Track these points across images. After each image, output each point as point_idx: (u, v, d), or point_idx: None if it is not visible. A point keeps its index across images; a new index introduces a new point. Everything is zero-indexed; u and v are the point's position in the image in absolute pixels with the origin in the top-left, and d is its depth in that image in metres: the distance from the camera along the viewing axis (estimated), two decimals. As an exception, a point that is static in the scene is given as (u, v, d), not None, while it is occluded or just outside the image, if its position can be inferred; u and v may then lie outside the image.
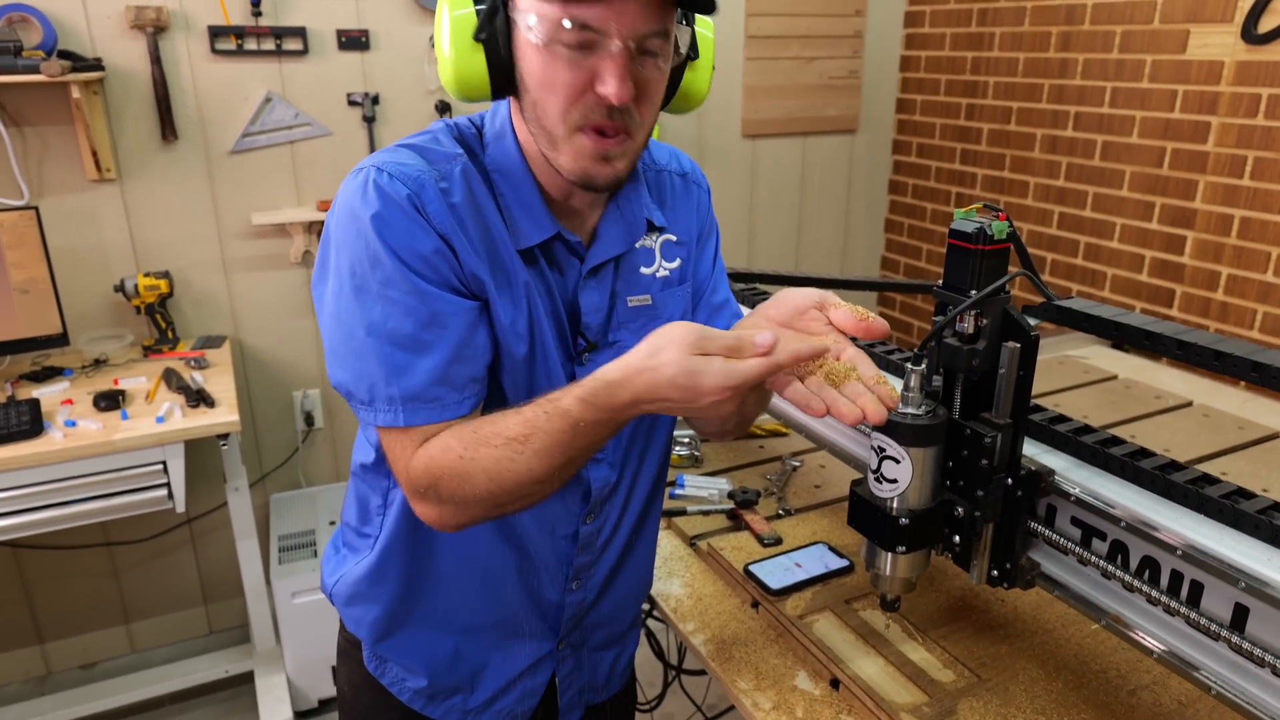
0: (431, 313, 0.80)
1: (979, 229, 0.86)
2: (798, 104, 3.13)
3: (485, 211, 0.85)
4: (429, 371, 0.81)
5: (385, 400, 0.81)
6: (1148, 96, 2.39)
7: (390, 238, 0.79)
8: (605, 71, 0.76)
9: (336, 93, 2.44)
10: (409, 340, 0.80)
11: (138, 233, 2.33)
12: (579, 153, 0.81)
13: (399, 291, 0.80)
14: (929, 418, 0.90)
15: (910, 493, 0.92)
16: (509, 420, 0.78)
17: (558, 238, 0.89)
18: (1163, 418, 1.75)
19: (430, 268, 0.80)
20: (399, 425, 0.81)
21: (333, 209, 0.84)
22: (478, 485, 0.79)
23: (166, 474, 1.93)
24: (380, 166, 0.81)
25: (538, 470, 0.77)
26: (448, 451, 0.80)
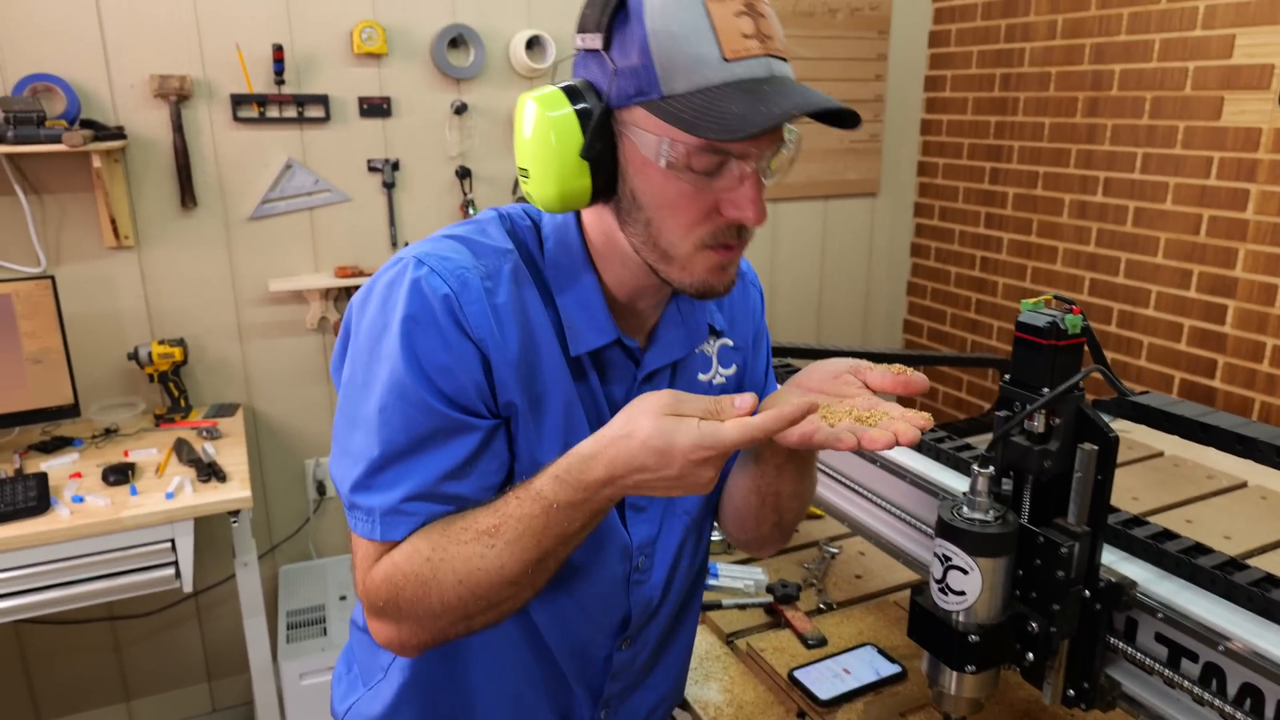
0: (433, 429, 0.75)
1: (1051, 323, 0.80)
2: (819, 167, 3.11)
3: (532, 317, 0.79)
4: (414, 488, 0.75)
5: (364, 510, 0.76)
6: (1181, 163, 2.35)
7: (416, 343, 0.74)
8: (740, 198, 0.72)
9: (357, 159, 2.44)
10: (401, 453, 0.75)
11: (154, 299, 2.30)
12: (704, 268, 0.76)
13: (405, 401, 0.74)
14: (999, 525, 0.84)
15: (979, 606, 0.85)
16: (480, 514, 0.72)
17: (617, 342, 0.83)
18: (1218, 500, 1.67)
19: (451, 380, 0.75)
20: (374, 539, 0.75)
21: (364, 294, 0.78)
22: (445, 590, 0.72)
23: (174, 552, 1.86)
24: (422, 259, 0.76)
25: (509, 567, 0.70)
26: (414, 555, 0.73)
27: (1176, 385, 2.45)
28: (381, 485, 0.75)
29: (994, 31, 2.88)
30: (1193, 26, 2.28)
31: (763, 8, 0.70)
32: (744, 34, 0.68)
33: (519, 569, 0.70)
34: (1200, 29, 2.26)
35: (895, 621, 1.28)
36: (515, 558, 0.70)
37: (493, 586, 0.71)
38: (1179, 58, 2.32)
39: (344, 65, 2.36)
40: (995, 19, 2.87)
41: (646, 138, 0.71)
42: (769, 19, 0.70)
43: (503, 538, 0.69)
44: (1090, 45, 2.55)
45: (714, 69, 0.67)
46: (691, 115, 0.67)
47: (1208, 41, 2.25)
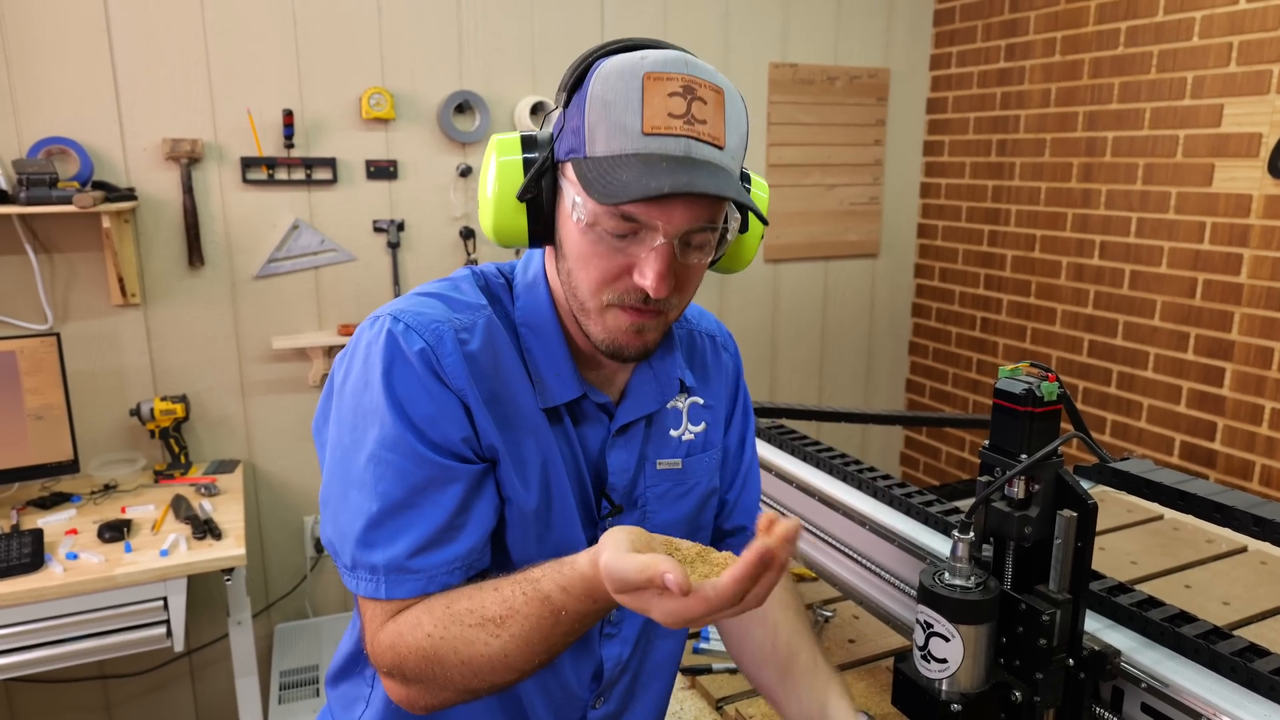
0: (428, 478, 0.76)
1: (1027, 390, 0.82)
2: (819, 229, 3.16)
3: (506, 366, 0.82)
4: (417, 541, 0.76)
5: (367, 569, 0.76)
6: (1175, 227, 2.38)
7: (398, 396, 0.76)
8: (646, 265, 0.74)
9: (363, 220, 2.49)
10: (399, 506, 0.76)
11: (158, 356, 2.34)
12: (612, 326, 0.78)
13: (397, 454, 0.76)
14: (980, 591, 0.84)
15: (962, 674, 0.85)
16: (486, 597, 0.73)
17: (584, 398, 0.85)
18: (1217, 565, 1.65)
19: (437, 429, 0.77)
20: (379, 597, 0.76)
21: (344, 355, 0.81)
22: (448, 668, 0.73)
23: (166, 610, 1.86)
24: (397, 316, 0.78)
25: (514, 657, 0.71)
26: (416, 628, 0.74)
27: (1177, 448, 2.45)
28: (383, 540, 0.75)
29: (990, 99, 2.95)
30: (1182, 96, 2.34)
31: (704, 93, 0.72)
32: (670, 113, 0.70)
33: (524, 660, 0.71)
34: (1189, 98, 2.32)
35: (887, 688, 1.25)
36: (521, 650, 0.70)
37: (495, 671, 0.72)
38: (1170, 126, 2.37)
39: (352, 129, 2.43)
40: (991, 87, 2.94)
41: (569, 192, 0.75)
42: (708, 105, 0.72)
43: (509, 630, 0.70)
44: (1083, 113, 2.61)
45: (632, 139, 0.71)
46: (592, 175, 0.71)
47: (1197, 110, 2.30)
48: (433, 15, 2.48)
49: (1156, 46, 2.38)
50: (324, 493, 0.81)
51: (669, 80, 0.71)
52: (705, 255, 0.77)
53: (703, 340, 0.99)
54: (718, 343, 1.01)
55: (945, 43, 3.11)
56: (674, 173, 0.69)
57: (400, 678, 0.76)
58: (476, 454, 0.79)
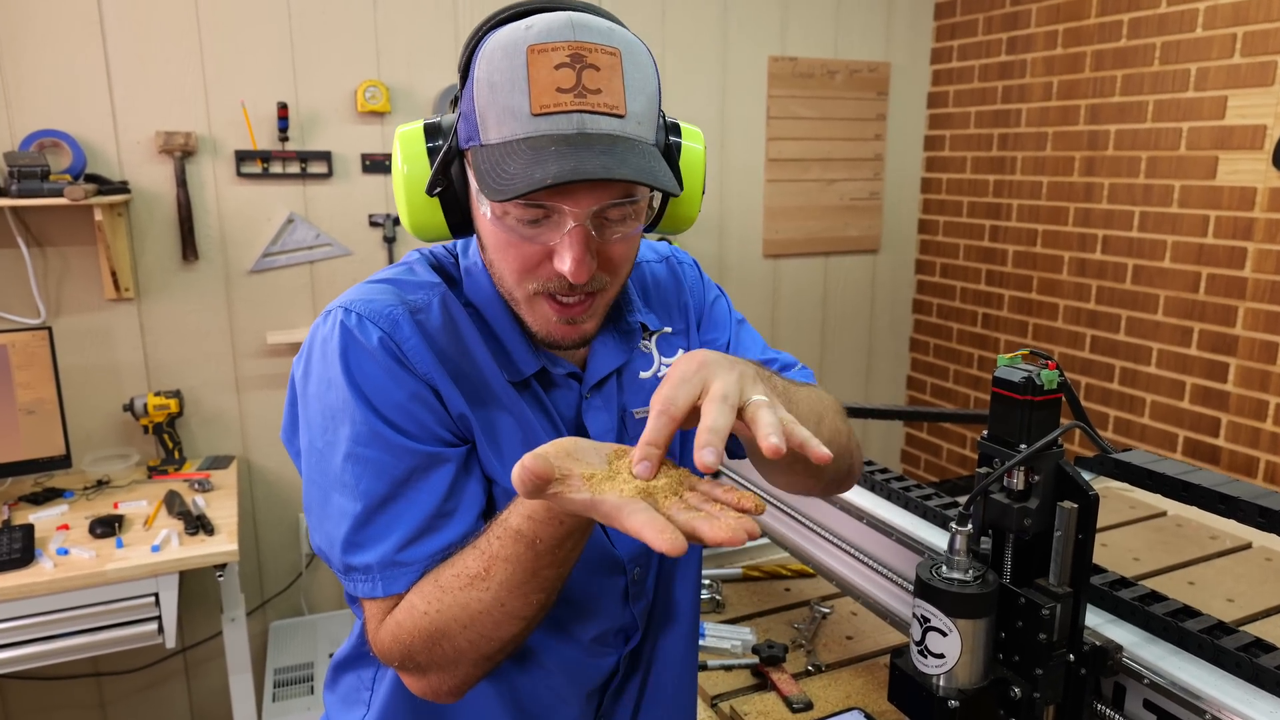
0: (409, 469, 0.74)
1: (1027, 378, 0.79)
2: (819, 224, 3.14)
3: (468, 341, 0.79)
4: (407, 533, 0.73)
5: (362, 570, 0.74)
6: (1179, 221, 2.36)
7: (363, 389, 0.73)
8: (562, 251, 0.70)
9: (358, 214, 2.47)
10: (384, 501, 0.74)
11: (151, 351, 2.32)
12: (542, 317, 0.76)
13: (373, 449, 0.73)
14: (978, 584, 0.82)
15: (959, 670, 0.82)
16: (466, 557, 0.70)
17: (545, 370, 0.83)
18: (1221, 561, 1.63)
19: (408, 417, 0.74)
20: (378, 595, 0.74)
21: (303, 356, 0.78)
22: (454, 639, 0.71)
23: (158, 606, 1.84)
24: (348, 307, 0.76)
25: (510, 604, 0.68)
26: (412, 612, 0.72)
27: (1181, 443, 2.43)
28: (372, 539, 0.73)
29: (991, 93, 2.93)
30: (1185, 88, 2.31)
31: (596, 58, 0.66)
32: (559, 88, 0.66)
33: (520, 604, 0.69)
34: (1193, 90, 2.30)
35: (884, 685, 1.24)
36: (513, 595, 0.68)
37: (498, 625, 0.69)
38: (1173, 118, 2.35)
39: (347, 122, 2.41)
40: (992, 80, 2.92)
41: (473, 182, 0.72)
42: (601, 72, 0.66)
43: (495, 579, 0.68)
44: (1085, 106, 2.59)
45: (522, 122, 0.66)
46: (485, 167, 0.67)
47: (1200, 103, 2.28)
48: (428, 7, 2.46)
49: (1159, 38, 2.36)
50: (306, 500, 0.78)
51: (554, 51, 0.66)
52: (631, 227, 0.74)
53: (653, 270, 0.95)
54: (670, 263, 0.97)
55: (946, 36, 3.09)
56: (562, 157, 0.64)
57: (415, 668, 0.74)
58: (456, 435, 0.77)
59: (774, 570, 1.61)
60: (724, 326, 0.98)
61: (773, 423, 0.59)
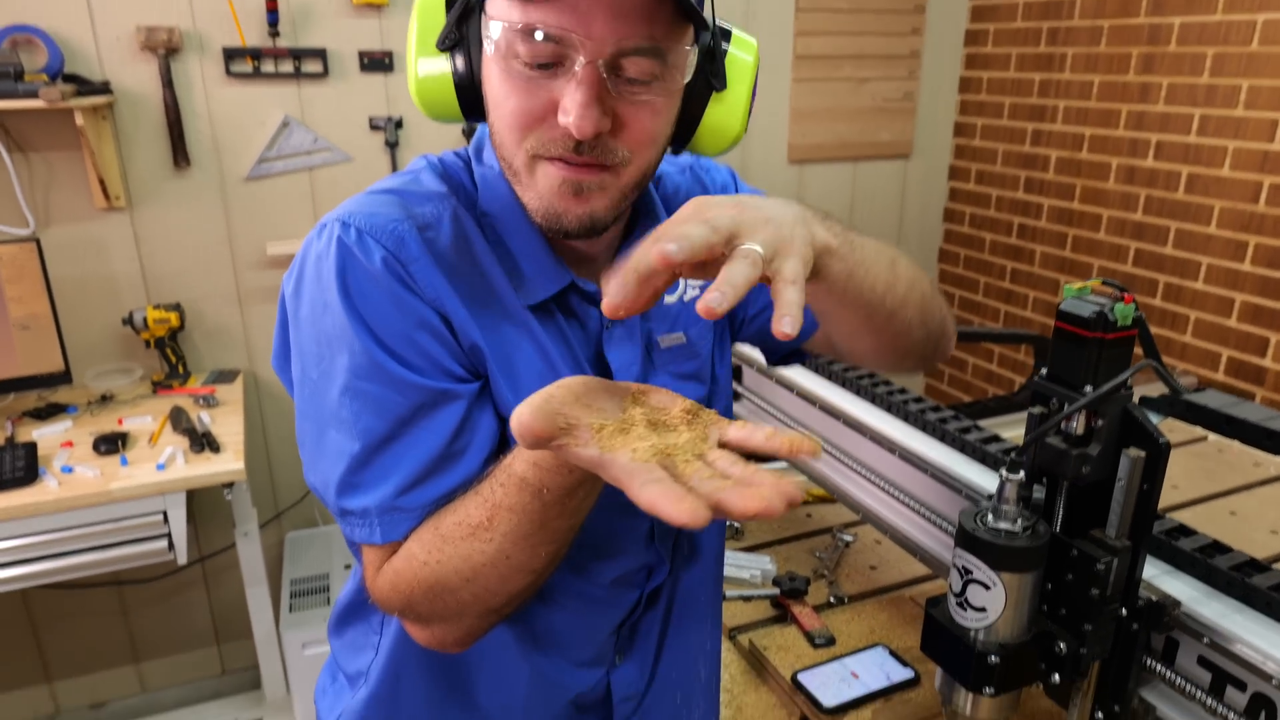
0: (414, 406, 0.67)
1: (1098, 314, 0.71)
2: (848, 128, 2.98)
3: (482, 261, 0.72)
4: (408, 477, 0.67)
5: (359, 514, 0.69)
6: (1243, 125, 2.20)
7: (364, 316, 0.66)
8: (566, 97, 0.62)
9: (358, 116, 2.35)
10: (384, 441, 0.67)
11: (148, 263, 2.25)
12: (543, 188, 0.67)
13: (373, 383, 0.66)
14: (1028, 536, 0.76)
15: (1001, 624, 0.78)
16: (468, 504, 0.65)
17: (572, 288, 0.75)
18: (1265, 490, 1.57)
19: (414, 348, 0.67)
20: (375, 542, 0.69)
21: (294, 274, 0.70)
22: (456, 592, 0.66)
23: (167, 524, 1.83)
24: (347, 220, 0.68)
25: (516, 556, 0.63)
26: (410, 561, 0.67)
27: (1224, 363, 2.34)
28: (370, 481, 0.68)
29: (1039, -20, 2.72)
30: (1259, -26, 2.12)
31: None
32: None
33: (526, 556, 0.64)
34: (1267, -24, 2.11)
35: (910, 619, 1.22)
36: (519, 547, 0.63)
37: (504, 578, 0.65)
38: (1246, 9, 2.17)
39: (343, 16, 2.27)
40: (1041, -33, 2.71)
41: (490, 25, 0.64)
42: None
43: (499, 529, 0.62)
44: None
45: None
46: None
47: (1275, -10, 2.09)
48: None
49: (1234, -82, 2.15)
50: (299, 434, 0.72)
51: None
52: (655, 93, 0.65)
53: (674, 182, 0.86)
54: (695, 171, 0.88)
55: (993, -83, 2.86)
56: None
57: (416, 618, 0.70)
58: (467, 369, 0.70)
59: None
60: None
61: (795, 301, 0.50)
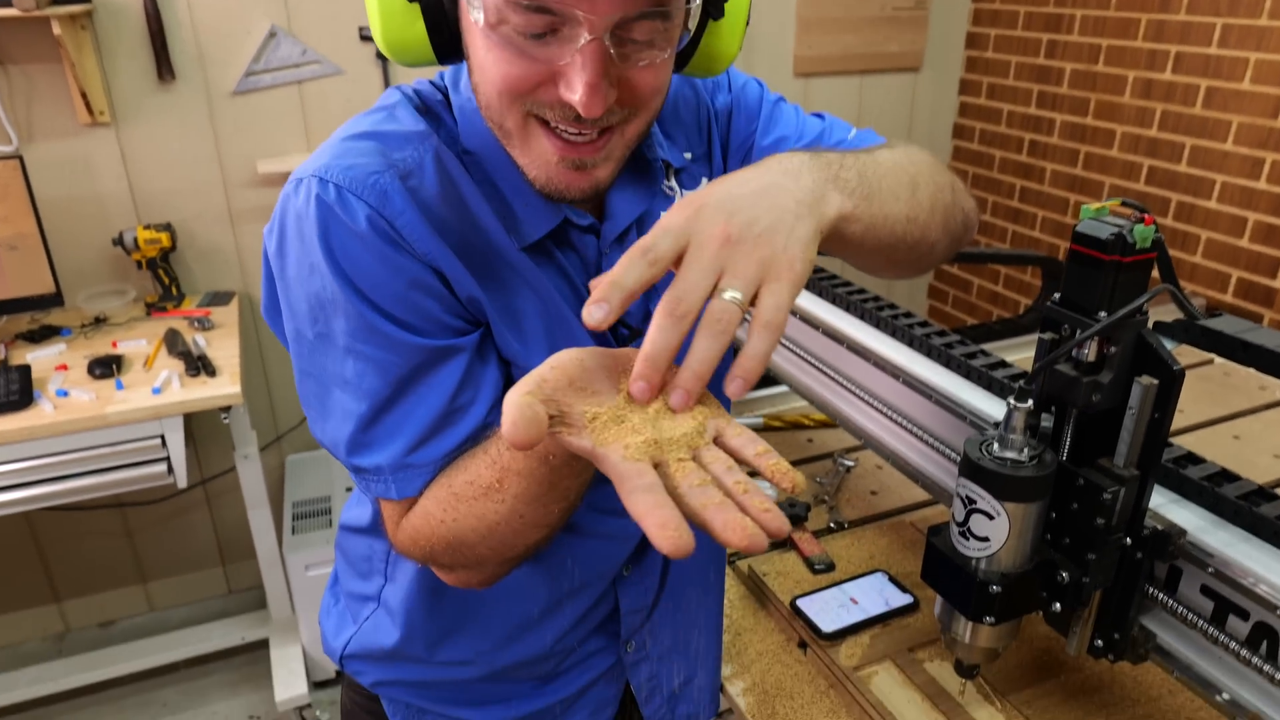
0: (415, 366, 0.65)
1: (1117, 235, 0.68)
2: (857, 39, 2.87)
3: (471, 205, 0.68)
4: (416, 434, 0.66)
5: (372, 472, 0.68)
6: (1266, 36, 2.11)
7: (353, 279, 0.63)
8: (572, 74, 0.58)
9: (348, 26, 2.26)
10: (389, 401, 0.66)
11: (136, 181, 2.20)
12: (539, 158, 0.64)
13: (372, 346, 0.64)
14: (1034, 466, 0.74)
15: (1004, 554, 0.77)
16: (479, 464, 0.64)
17: (566, 223, 0.72)
18: (1270, 414, 1.56)
19: (410, 309, 0.65)
20: (391, 498, 0.68)
21: (275, 234, 0.67)
22: (474, 546, 0.66)
23: (165, 448, 1.83)
24: (324, 176, 0.64)
25: (530, 515, 0.62)
26: (428, 519, 0.67)
27: (1233, 284, 2.30)
28: (379, 440, 0.67)
29: (1062, -121, 2.58)
30: None
31: None
32: None
33: (541, 515, 0.63)
34: (1304, -126, 1.99)
35: (910, 544, 1.22)
36: (532, 508, 0.62)
37: (519, 534, 0.65)
38: (1275, -90, 2.05)
39: (329, -82, 2.16)
40: None
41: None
42: None
43: (510, 491, 0.61)
44: (1172, -105, 2.27)
45: None
46: None
47: (1311, -110, 1.98)
48: None
49: None
50: (301, 392, 0.71)
51: None
52: (661, 50, 0.60)
53: (675, 92, 0.81)
54: (694, 81, 0.83)
55: None
56: None
57: (440, 567, 0.72)
58: (467, 320, 0.69)
59: (796, 420, 1.56)
60: (754, 114, 0.84)
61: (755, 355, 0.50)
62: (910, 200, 0.68)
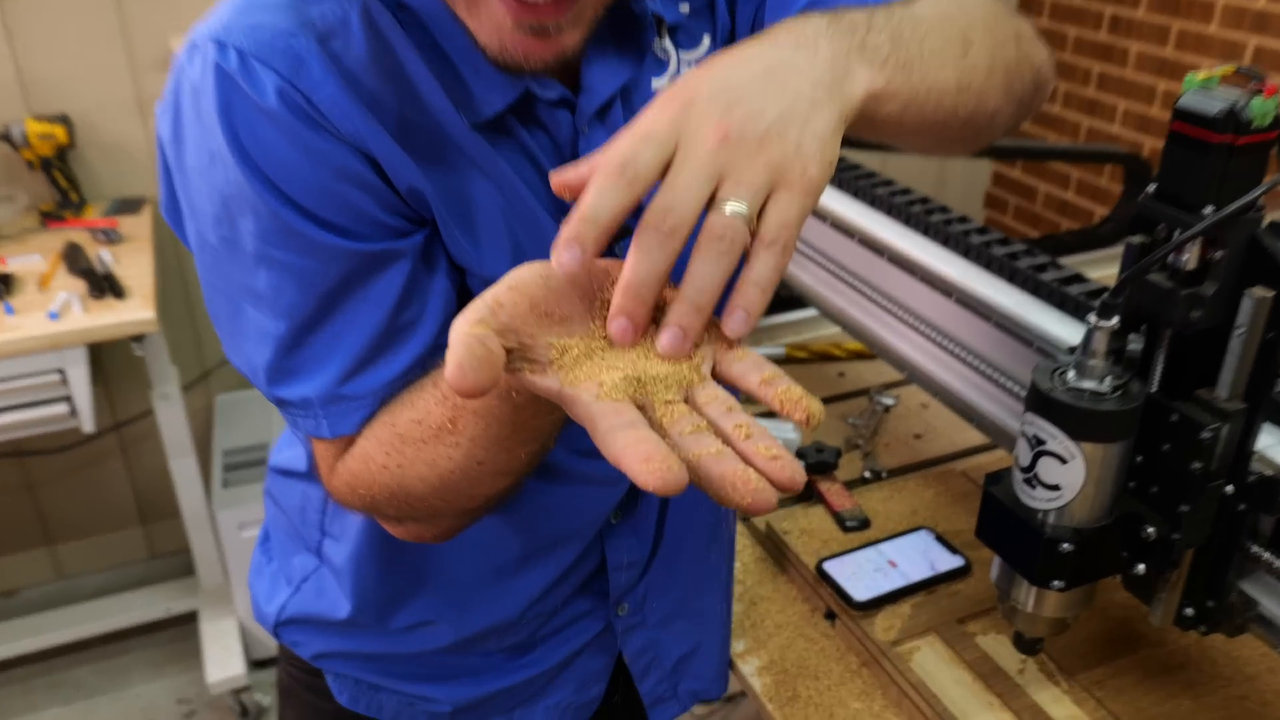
0: (344, 275, 0.63)
1: (1227, 111, 0.65)
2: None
3: (410, 72, 0.64)
4: (350, 359, 0.65)
5: (299, 405, 0.67)
6: None
7: (261, 167, 0.60)
8: None
9: None
10: (315, 319, 0.64)
11: (25, 64, 2.14)
12: (490, 20, 0.60)
13: (290, 251, 0.62)
14: (1117, 399, 0.73)
15: (1078, 505, 0.76)
16: (427, 400, 0.62)
17: (528, 95, 0.68)
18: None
19: (336, 205, 0.62)
20: (323, 436, 0.68)
21: (165, 107, 0.64)
22: (424, 498, 0.65)
23: (66, 384, 1.82)
24: (223, 40, 0.60)
25: (490, 461, 0.61)
26: (368, 463, 0.66)
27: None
28: (305, 366, 0.66)
29: None
30: None
31: None
32: None
33: (503, 460, 0.62)
34: None
35: (961, 497, 1.21)
36: (492, 452, 0.61)
37: (478, 483, 0.64)
38: None
39: None
40: None
41: None
42: None
43: (465, 432, 0.60)
44: None
45: None
46: None
47: None
48: None
49: None
50: (209, 306, 0.69)
51: None
52: None
53: None
54: None
55: None
56: None
57: (385, 518, 0.73)
58: (409, 217, 0.66)
59: (825, 350, 1.55)
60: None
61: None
62: (961, 63, 0.64)
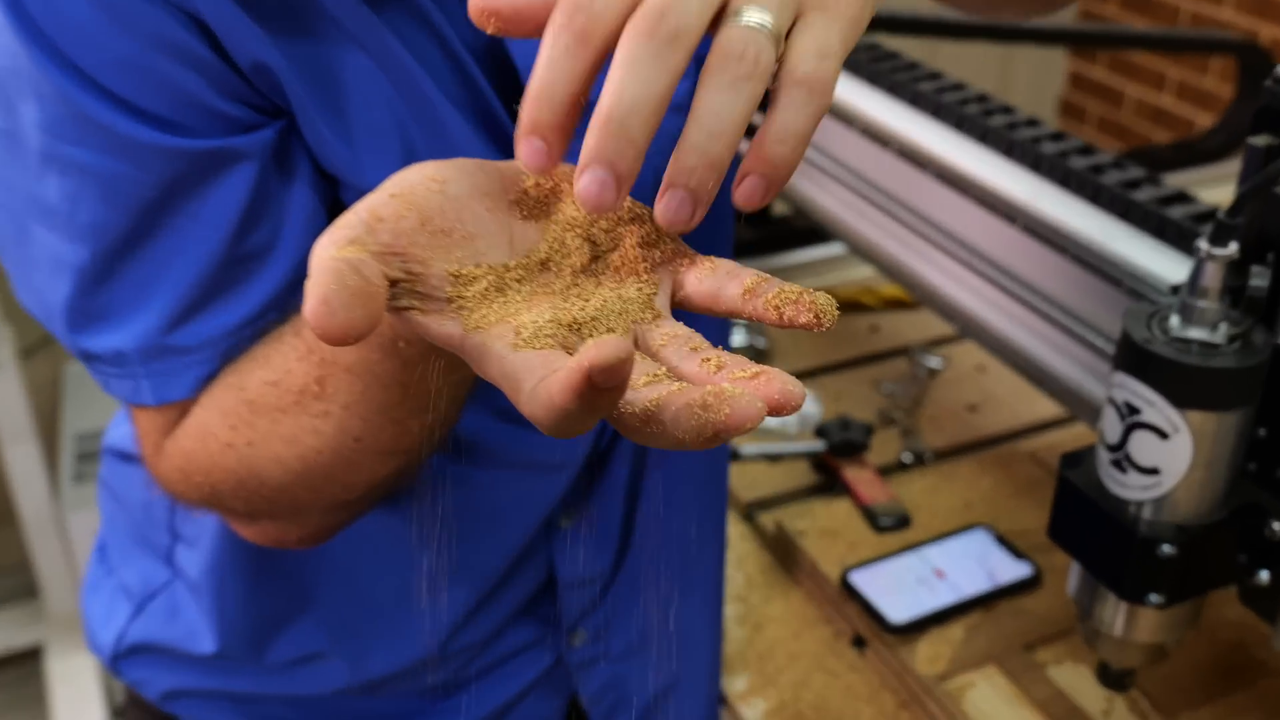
0: (165, 183, 0.61)
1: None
2: None
3: None
4: (181, 298, 0.63)
5: (110, 360, 0.65)
6: None
7: (52, 35, 0.57)
8: None
9: None
10: (129, 240, 0.62)
11: None
12: None
13: (88, 149, 0.59)
14: (1236, 352, 0.73)
15: (1182, 494, 0.77)
16: (286, 353, 0.61)
17: None
18: None
19: (148, 80, 0.59)
20: (144, 403, 0.66)
21: None
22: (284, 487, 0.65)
23: None
24: None
25: (373, 438, 0.60)
26: (207, 440, 0.65)
27: None
28: (117, 309, 0.65)
29: None
30: None
31: None
32: None
33: (389, 435, 0.61)
34: None
35: (1028, 486, 1.23)
36: (372, 424, 0.60)
37: (354, 466, 0.64)
38: None
39: None
40: None
41: None
42: None
43: (337, 398, 0.58)
44: None
45: None
46: None
47: None
48: None
49: None
50: None
51: None
52: None
53: None
54: None
55: None
56: None
57: (231, 514, 0.73)
58: (252, 106, 0.64)
59: (853, 298, 1.55)
60: None
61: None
62: None
